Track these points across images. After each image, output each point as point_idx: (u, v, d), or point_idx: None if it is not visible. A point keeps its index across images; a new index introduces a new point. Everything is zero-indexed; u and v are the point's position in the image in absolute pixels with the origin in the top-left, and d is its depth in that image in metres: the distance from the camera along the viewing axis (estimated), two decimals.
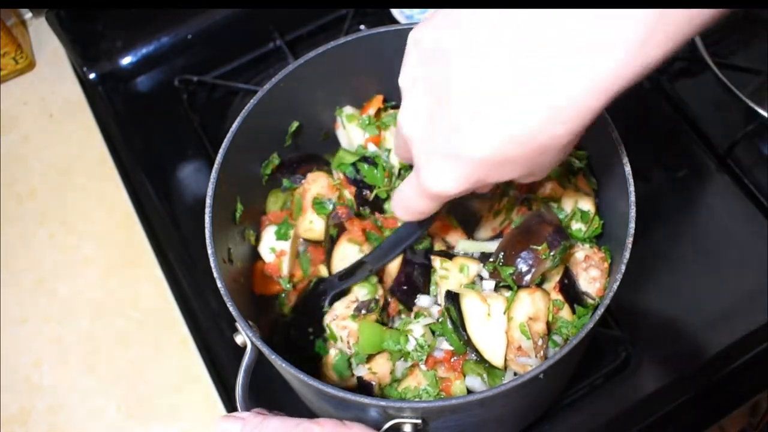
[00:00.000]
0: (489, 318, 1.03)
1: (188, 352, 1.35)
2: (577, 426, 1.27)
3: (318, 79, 1.19)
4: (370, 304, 1.12)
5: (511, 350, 1.04)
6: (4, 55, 1.61)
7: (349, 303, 1.14)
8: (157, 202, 1.50)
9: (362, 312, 1.11)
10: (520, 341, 1.04)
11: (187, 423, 1.30)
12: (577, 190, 1.16)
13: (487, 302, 1.03)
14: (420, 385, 1.07)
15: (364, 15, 1.69)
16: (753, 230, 1.41)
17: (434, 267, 1.14)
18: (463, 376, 1.07)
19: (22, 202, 1.53)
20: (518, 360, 1.04)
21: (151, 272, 1.43)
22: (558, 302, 1.08)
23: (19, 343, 1.38)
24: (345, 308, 1.13)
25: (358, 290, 1.15)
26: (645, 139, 1.49)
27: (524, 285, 1.06)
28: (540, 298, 1.06)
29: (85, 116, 1.62)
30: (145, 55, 1.68)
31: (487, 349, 1.03)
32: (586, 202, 1.13)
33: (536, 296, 1.05)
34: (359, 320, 1.11)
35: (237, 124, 1.10)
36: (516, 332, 1.04)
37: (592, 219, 1.12)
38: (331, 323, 1.13)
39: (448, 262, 1.13)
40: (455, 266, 1.12)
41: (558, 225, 1.09)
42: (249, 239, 1.22)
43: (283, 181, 1.28)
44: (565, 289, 1.10)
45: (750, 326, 1.31)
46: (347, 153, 1.28)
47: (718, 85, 1.47)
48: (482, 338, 1.03)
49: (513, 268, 1.06)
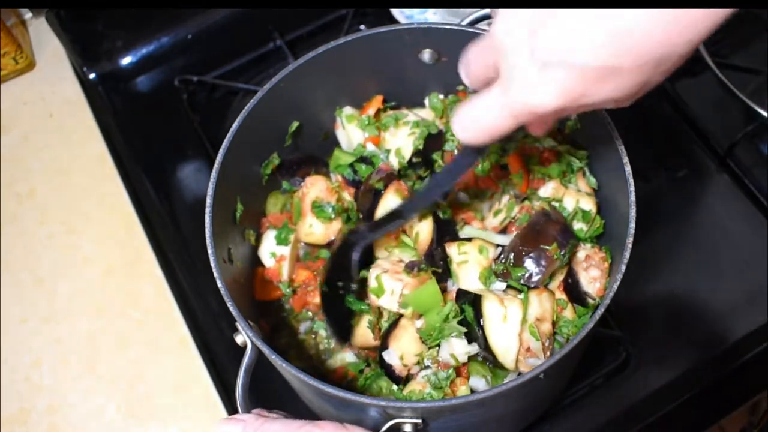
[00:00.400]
0: (505, 321, 1.03)
1: (188, 352, 1.35)
2: (577, 426, 1.26)
3: (318, 79, 1.19)
4: (420, 264, 1.10)
5: (521, 352, 1.04)
6: (4, 55, 1.61)
7: (394, 262, 1.12)
8: (157, 202, 1.50)
9: (414, 269, 1.09)
10: (530, 342, 1.04)
11: (187, 423, 1.30)
12: (578, 190, 1.16)
13: (505, 305, 1.03)
14: (424, 389, 1.07)
15: (364, 15, 1.69)
16: (753, 230, 1.41)
17: (450, 255, 1.13)
18: (467, 379, 1.07)
19: (22, 202, 1.53)
20: (527, 361, 1.04)
21: (151, 272, 1.43)
22: (562, 301, 1.08)
23: (19, 343, 1.38)
24: (393, 265, 1.11)
25: (401, 253, 1.13)
26: (645, 139, 1.49)
27: (534, 286, 1.05)
28: (546, 298, 1.06)
29: (85, 116, 1.62)
30: (145, 55, 1.68)
31: (501, 352, 1.03)
32: (587, 202, 1.13)
33: (543, 297, 1.05)
34: (413, 276, 1.08)
35: (237, 124, 1.10)
36: (526, 333, 1.04)
37: (593, 219, 1.12)
38: (382, 275, 1.09)
39: (467, 245, 1.11)
40: (474, 248, 1.10)
41: (564, 224, 1.08)
42: (249, 239, 1.22)
43: (282, 183, 1.28)
44: (569, 288, 1.10)
45: (750, 326, 1.31)
46: (343, 153, 1.28)
47: (718, 85, 1.47)
48: (498, 341, 1.03)
49: (524, 269, 1.05)
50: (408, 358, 1.09)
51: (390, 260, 1.13)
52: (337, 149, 1.29)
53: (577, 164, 1.16)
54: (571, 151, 1.17)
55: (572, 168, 1.17)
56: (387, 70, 1.24)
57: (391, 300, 1.08)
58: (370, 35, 1.16)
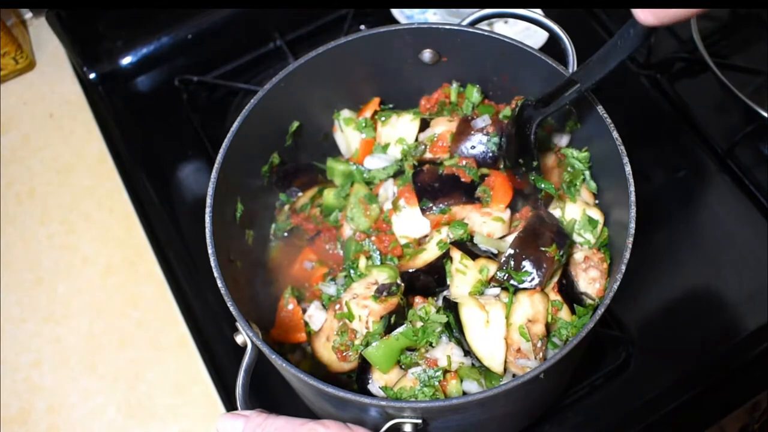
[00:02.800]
0: (488, 325, 1.03)
1: (188, 352, 1.35)
2: (578, 426, 1.27)
3: (318, 79, 1.19)
4: (391, 287, 1.10)
5: (510, 353, 1.04)
6: (4, 55, 1.61)
7: (369, 284, 1.12)
8: (157, 202, 1.50)
9: (383, 294, 1.10)
10: (519, 343, 1.04)
11: (187, 423, 1.30)
12: (586, 202, 1.15)
13: (486, 309, 1.03)
14: (415, 385, 1.07)
15: (364, 15, 1.69)
16: (753, 230, 1.41)
17: (452, 257, 1.13)
18: (460, 378, 1.07)
19: (22, 202, 1.53)
20: (518, 362, 1.04)
21: (151, 272, 1.43)
22: (557, 303, 1.08)
23: (19, 343, 1.38)
24: (365, 289, 1.12)
25: (378, 274, 1.13)
26: (645, 139, 1.49)
27: (536, 287, 1.06)
28: (539, 300, 1.06)
29: (85, 116, 1.62)
30: (145, 55, 1.68)
31: (486, 356, 1.03)
32: (595, 212, 1.13)
33: (535, 298, 1.05)
34: (380, 301, 1.09)
35: (237, 124, 1.10)
36: (515, 334, 1.04)
37: (601, 228, 1.12)
38: (351, 302, 1.10)
39: (469, 260, 1.11)
40: (476, 267, 1.11)
41: (558, 225, 1.09)
42: (249, 239, 1.22)
43: (280, 195, 1.28)
44: (564, 289, 1.10)
45: (750, 326, 1.31)
46: (337, 162, 1.27)
47: (718, 85, 1.47)
48: (482, 346, 1.03)
49: (526, 273, 1.06)
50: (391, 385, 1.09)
51: (365, 282, 1.13)
52: (329, 159, 1.29)
53: (579, 166, 1.16)
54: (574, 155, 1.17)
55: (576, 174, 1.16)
56: (386, 70, 1.24)
57: (361, 325, 1.09)
58: (370, 35, 1.16)
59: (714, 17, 1.63)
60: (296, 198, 1.27)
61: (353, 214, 1.24)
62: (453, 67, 1.23)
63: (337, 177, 1.28)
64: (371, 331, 1.09)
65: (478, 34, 1.13)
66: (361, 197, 1.24)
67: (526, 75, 1.15)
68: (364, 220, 1.23)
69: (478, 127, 1.18)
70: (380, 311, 1.09)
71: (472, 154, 1.18)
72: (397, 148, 1.24)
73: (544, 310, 1.06)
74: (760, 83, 1.52)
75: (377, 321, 1.09)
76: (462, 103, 1.26)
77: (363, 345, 1.09)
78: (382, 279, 1.13)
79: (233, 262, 1.12)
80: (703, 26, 1.53)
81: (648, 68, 1.59)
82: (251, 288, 1.23)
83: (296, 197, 1.27)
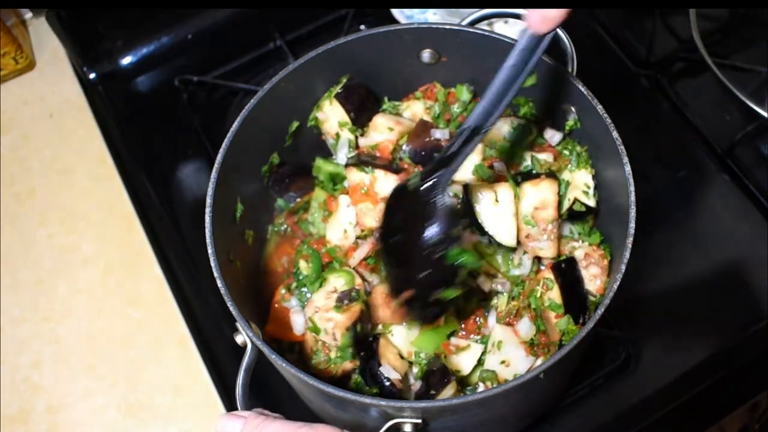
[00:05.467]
0: (497, 204, 1.09)
1: (188, 352, 1.35)
2: (578, 426, 1.26)
3: (318, 79, 1.19)
4: (350, 293, 1.11)
5: (521, 237, 1.11)
6: (4, 55, 1.61)
7: (329, 294, 1.12)
8: (157, 202, 1.50)
9: (345, 302, 1.10)
10: (528, 230, 1.11)
11: (187, 423, 1.30)
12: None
13: (495, 189, 1.09)
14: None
15: (364, 15, 1.69)
16: (753, 230, 1.41)
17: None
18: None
19: (22, 202, 1.53)
20: (530, 245, 1.12)
21: (151, 272, 1.43)
22: (548, 281, 1.09)
23: (19, 343, 1.38)
24: (325, 299, 1.12)
25: (335, 280, 1.14)
26: (645, 139, 1.49)
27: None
28: (546, 186, 1.10)
29: (85, 116, 1.62)
30: (145, 55, 1.68)
31: (498, 232, 1.09)
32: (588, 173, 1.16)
33: (542, 186, 1.10)
34: (343, 310, 1.10)
35: (237, 124, 1.10)
36: (523, 223, 1.11)
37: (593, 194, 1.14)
38: (314, 316, 1.11)
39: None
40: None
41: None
42: (249, 239, 1.22)
43: (277, 200, 1.28)
44: (561, 272, 1.10)
45: (750, 326, 1.31)
46: (325, 162, 1.27)
47: (718, 85, 1.47)
48: (492, 221, 1.09)
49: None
50: (399, 369, 1.10)
51: (324, 292, 1.13)
52: (318, 159, 1.28)
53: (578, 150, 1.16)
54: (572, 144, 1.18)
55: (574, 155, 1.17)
56: (386, 70, 1.24)
57: (330, 338, 1.10)
58: (370, 35, 1.16)
59: (714, 17, 1.63)
60: (294, 203, 1.27)
61: (313, 219, 1.24)
62: (453, 67, 1.23)
63: (323, 176, 1.27)
64: (340, 345, 1.10)
65: (478, 34, 1.14)
66: (320, 202, 1.24)
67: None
68: (323, 226, 1.23)
69: (435, 136, 1.18)
70: (345, 322, 1.09)
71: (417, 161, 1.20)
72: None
73: (553, 195, 1.11)
74: (760, 83, 1.52)
75: (344, 333, 1.09)
76: (453, 102, 1.26)
77: (339, 358, 1.10)
78: (341, 285, 1.13)
79: (233, 262, 1.12)
80: (703, 26, 1.53)
81: (648, 68, 1.59)
82: (251, 288, 1.23)
83: (294, 202, 1.27)
